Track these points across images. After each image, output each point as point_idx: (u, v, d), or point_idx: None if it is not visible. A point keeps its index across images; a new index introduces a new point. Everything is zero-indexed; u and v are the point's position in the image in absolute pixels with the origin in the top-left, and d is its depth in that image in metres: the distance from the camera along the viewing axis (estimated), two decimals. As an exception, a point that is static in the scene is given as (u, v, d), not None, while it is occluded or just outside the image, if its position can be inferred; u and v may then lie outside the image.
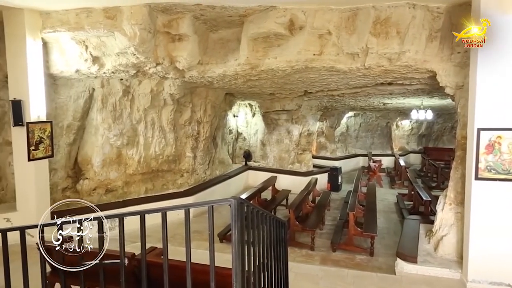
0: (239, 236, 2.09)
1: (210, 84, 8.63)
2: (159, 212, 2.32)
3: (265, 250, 3.05)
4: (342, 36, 6.07)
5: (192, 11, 6.23)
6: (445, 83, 5.96)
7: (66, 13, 6.10)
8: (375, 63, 6.15)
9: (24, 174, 6.56)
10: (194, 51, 6.93)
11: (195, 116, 10.04)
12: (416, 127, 20.65)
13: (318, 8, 5.99)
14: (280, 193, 11.41)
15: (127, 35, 6.08)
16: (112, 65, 6.90)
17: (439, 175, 14.63)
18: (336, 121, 17.72)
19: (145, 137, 8.94)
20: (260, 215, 2.88)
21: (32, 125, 6.39)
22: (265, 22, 6.19)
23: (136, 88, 8.28)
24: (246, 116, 15.12)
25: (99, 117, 8.14)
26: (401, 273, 5.63)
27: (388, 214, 10.51)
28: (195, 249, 2.62)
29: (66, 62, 6.80)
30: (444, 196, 6.15)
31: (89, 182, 8.30)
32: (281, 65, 6.66)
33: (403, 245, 6.19)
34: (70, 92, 7.66)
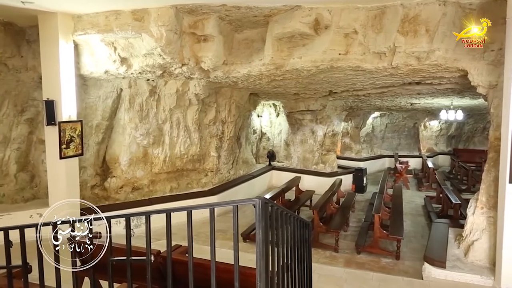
0: (263, 236, 2.09)
1: (234, 84, 8.68)
2: (185, 210, 2.34)
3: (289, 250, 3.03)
4: (368, 35, 5.97)
5: (218, 12, 6.29)
6: (477, 82, 5.74)
7: (96, 16, 6.29)
8: (402, 62, 6.01)
9: (56, 171, 6.81)
10: (219, 52, 6.98)
11: (220, 116, 10.12)
12: (445, 128, 20.01)
13: (344, 7, 5.91)
14: (304, 194, 11.33)
15: (154, 36, 6.20)
16: (139, 66, 7.06)
17: (470, 178, 14.13)
18: (361, 122, 17.43)
19: (171, 136, 9.09)
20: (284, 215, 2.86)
21: (63, 125, 6.63)
22: (290, 22, 6.17)
23: (162, 88, 8.44)
24: (270, 116, 15.11)
25: (126, 117, 8.35)
26: (428, 278, 5.47)
27: (415, 217, 10.24)
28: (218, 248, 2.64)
29: (95, 63, 7.02)
30: (475, 199, 5.93)
31: (116, 180, 8.53)
32: (306, 65, 6.62)
33: (431, 249, 6.00)
34: (99, 93, 7.90)
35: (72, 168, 7.03)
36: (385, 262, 6.94)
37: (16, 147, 7.58)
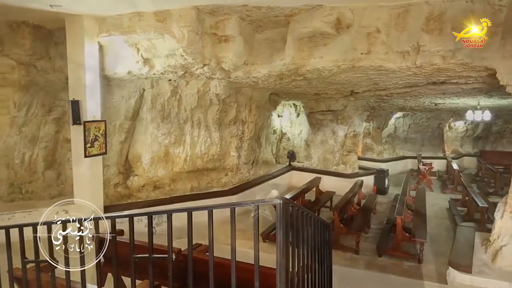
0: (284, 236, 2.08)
1: (255, 84, 8.68)
2: (206, 210, 2.36)
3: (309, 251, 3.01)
4: (391, 34, 5.84)
5: (238, 12, 6.30)
6: (507, 82, 5.53)
7: (119, 17, 6.42)
8: (427, 61, 5.85)
9: (81, 169, 6.99)
10: (240, 52, 7.00)
11: (240, 116, 10.16)
12: (471, 129, 19.40)
13: (366, 5, 5.82)
14: (324, 195, 11.23)
15: (176, 37, 6.27)
16: (161, 66, 7.16)
17: (497, 181, 13.64)
18: (383, 122, 17.11)
19: (191, 136, 9.19)
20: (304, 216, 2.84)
21: (88, 124, 6.80)
22: (311, 22, 6.11)
23: (184, 89, 8.54)
24: (290, 116, 15.05)
25: (148, 117, 8.49)
26: (453, 283, 5.32)
27: (439, 220, 9.97)
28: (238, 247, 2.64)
29: (119, 64, 7.16)
30: (503, 203, 5.72)
31: (138, 179, 8.69)
32: (327, 65, 6.55)
33: (456, 253, 5.83)
34: (122, 93, 8.07)
35: (96, 167, 7.20)
36: (407, 266, 6.78)
37: (43, 145, 7.83)
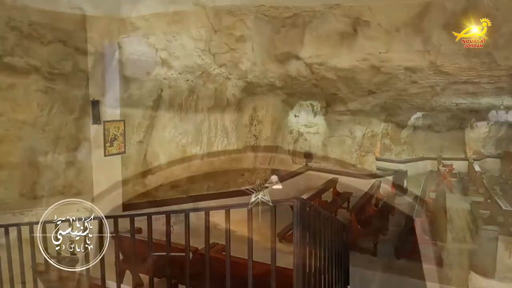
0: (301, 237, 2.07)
1: (272, 84, 8.67)
2: (223, 209, 2.37)
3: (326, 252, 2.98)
4: (411, 32, 5.74)
5: (255, 12, 6.30)
6: (531, 81, 5.37)
7: (138, 18, 6.51)
8: (448, 60, 5.73)
9: (100, 168, 7.14)
10: (257, 51, 7.00)
11: (257, 116, 10.15)
12: (495, 130, 18.82)
13: (385, 4, 5.73)
14: (341, 195, 11.12)
15: (193, 38, 6.33)
16: (179, 67, 7.24)
17: (522, 183, 13.26)
18: (402, 122, 16.81)
19: (208, 136, 9.24)
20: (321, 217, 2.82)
21: (108, 124, 6.93)
22: (329, 21, 6.07)
23: (201, 89, 8.58)
24: (307, 116, 14.94)
25: (166, 116, 8.58)
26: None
27: (460, 223, 9.70)
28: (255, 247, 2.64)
29: (137, 64, 7.27)
30: (528, 206, 5.54)
31: (155, 178, 8.78)
32: (344, 65, 6.49)
33: (478, 258, 5.69)
34: (141, 93, 8.17)
35: (115, 166, 7.34)
36: (426, 269, 6.64)
37: (65, 144, 8.01)
